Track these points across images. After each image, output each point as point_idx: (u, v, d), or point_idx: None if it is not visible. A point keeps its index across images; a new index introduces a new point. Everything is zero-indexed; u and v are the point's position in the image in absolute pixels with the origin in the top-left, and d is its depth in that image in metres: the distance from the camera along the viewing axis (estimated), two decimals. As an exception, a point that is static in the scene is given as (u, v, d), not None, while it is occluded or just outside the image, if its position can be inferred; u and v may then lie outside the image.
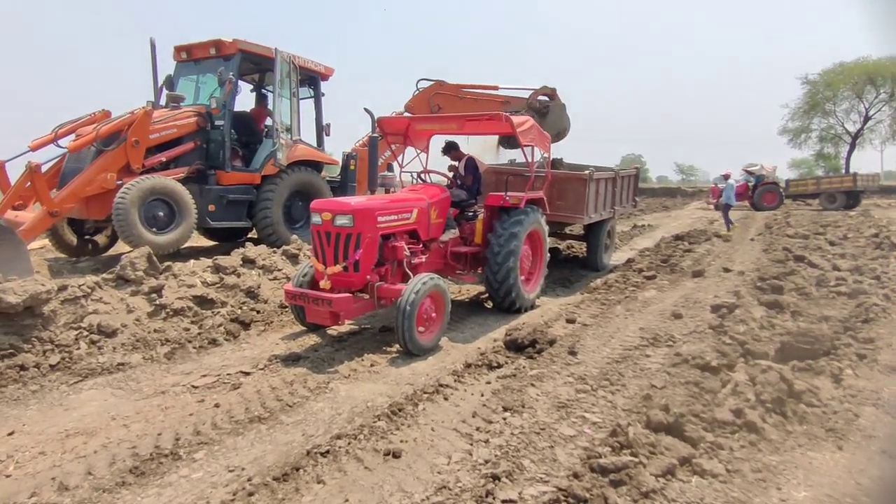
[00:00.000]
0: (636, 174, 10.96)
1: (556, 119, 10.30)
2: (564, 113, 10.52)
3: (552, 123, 10.07)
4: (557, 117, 10.32)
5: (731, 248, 11.04)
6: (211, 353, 4.94)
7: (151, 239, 7.12)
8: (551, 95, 10.41)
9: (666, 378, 4.08)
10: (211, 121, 8.68)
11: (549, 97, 10.42)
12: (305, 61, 9.71)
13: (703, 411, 3.38)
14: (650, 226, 17.14)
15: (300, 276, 5.44)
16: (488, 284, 6.42)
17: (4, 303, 4.27)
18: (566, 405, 3.73)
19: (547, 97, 10.41)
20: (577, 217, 8.38)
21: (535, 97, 10.26)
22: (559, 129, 10.41)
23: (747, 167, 26.13)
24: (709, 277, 7.92)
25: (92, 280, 5.23)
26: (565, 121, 10.56)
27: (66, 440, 3.29)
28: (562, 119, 10.47)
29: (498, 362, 4.61)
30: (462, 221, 6.80)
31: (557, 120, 10.32)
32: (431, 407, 3.75)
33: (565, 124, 10.59)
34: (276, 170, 9.09)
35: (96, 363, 4.46)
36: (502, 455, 3.04)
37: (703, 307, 6.16)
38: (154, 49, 8.93)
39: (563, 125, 10.53)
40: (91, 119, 8.17)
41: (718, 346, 4.55)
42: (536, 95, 10.29)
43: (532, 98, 10.22)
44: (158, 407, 3.78)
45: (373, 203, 5.33)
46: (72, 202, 7.21)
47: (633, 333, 5.37)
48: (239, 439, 3.31)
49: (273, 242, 8.46)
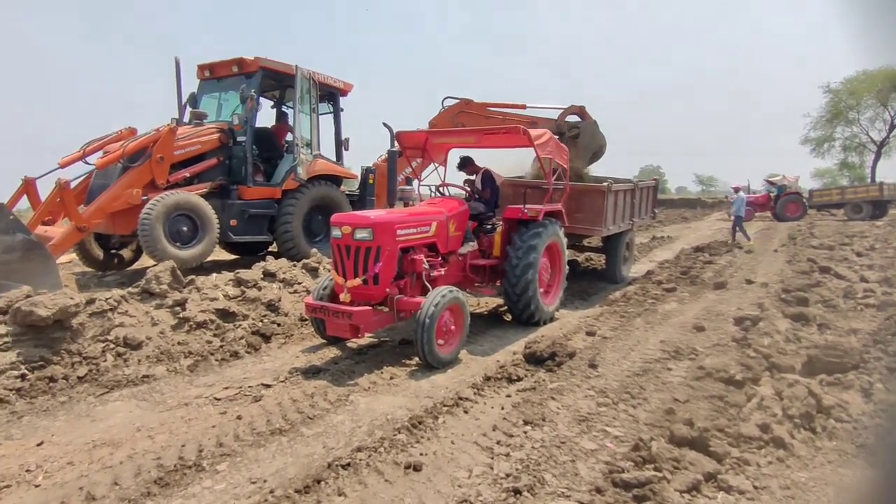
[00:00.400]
0: (655, 185, 10.89)
1: (590, 139, 9.85)
2: (597, 130, 10.00)
3: (586, 145, 9.74)
4: (590, 137, 9.86)
5: (753, 260, 10.88)
6: (233, 366, 5.00)
7: (175, 253, 7.25)
8: (580, 114, 10.00)
9: (689, 392, 4.01)
10: (233, 137, 8.85)
11: (579, 116, 10.01)
12: (325, 77, 9.87)
13: (728, 426, 3.33)
14: (669, 237, 16.97)
15: (320, 288, 5.49)
16: (507, 297, 6.40)
17: (35, 316, 4.38)
18: (587, 419, 3.69)
19: (576, 116, 10.01)
20: (596, 229, 8.35)
21: (563, 118, 9.87)
22: (594, 149, 9.99)
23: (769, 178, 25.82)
24: (731, 289, 7.80)
25: (118, 294, 5.34)
26: (599, 138, 10.04)
27: (93, 451, 3.35)
28: (595, 137, 9.96)
29: (517, 375, 4.58)
30: (480, 234, 6.82)
31: (591, 140, 9.87)
32: (451, 420, 3.74)
33: (600, 142, 10.08)
34: (296, 184, 9.22)
35: (122, 375, 4.54)
36: (523, 469, 3.02)
37: (725, 320, 6.06)
38: (178, 68, 9.16)
39: (597, 144, 10.04)
40: (118, 136, 8.38)
41: (742, 360, 4.47)
42: (564, 116, 9.90)
43: (560, 119, 9.82)
44: (182, 419, 3.83)
45: (392, 216, 5.37)
46: (99, 217, 7.39)
47: (654, 346, 5.31)
48: (261, 451, 3.34)
49: (293, 256, 8.55)
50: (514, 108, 10.12)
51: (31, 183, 7.54)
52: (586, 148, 9.78)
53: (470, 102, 10.33)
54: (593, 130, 9.94)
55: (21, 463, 3.16)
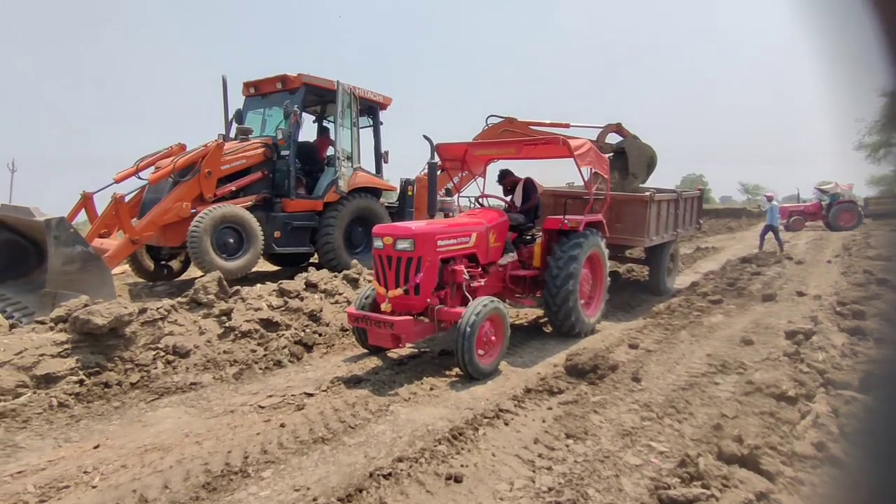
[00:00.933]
0: (700, 195, 10.62)
1: (639, 152, 9.79)
2: (641, 143, 9.94)
3: (638, 159, 9.67)
4: (637, 150, 9.80)
5: (804, 271, 10.47)
6: (276, 375, 5.10)
7: (222, 264, 7.48)
8: (619, 132, 9.89)
9: (737, 407, 3.88)
10: (277, 151, 9.09)
11: (618, 133, 9.90)
12: (365, 92, 10.06)
13: (780, 444, 3.20)
14: (714, 248, 16.48)
15: (362, 298, 5.55)
16: (547, 308, 6.34)
17: (92, 324, 4.59)
18: (631, 433, 3.61)
19: (615, 134, 9.91)
20: (638, 240, 8.20)
21: (604, 138, 9.77)
22: (646, 161, 9.92)
23: (820, 185, 24.83)
24: (781, 302, 7.53)
25: (168, 303, 5.53)
26: (647, 149, 9.98)
27: (145, 455, 3.46)
28: (642, 150, 9.91)
29: (559, 388, 4.52)
30: (520, 245, 6.78)
31: (640, 153, 9.82)
32: (492, 432, 3.72)
33: (649, 153, 10.02)
34: (337, 197, 9.40)
35: (171, 382, 4.69)
36: (566, 483, 2.97)
37: (775, 333, 5.85)
38: (225, 85, 9.51)
39: (647, 155, 9.98)
40: (168, 152, 8.73)
41: (795, 375, 4.30)
42: (604, 136, 9.79)
43: (601, 140, 9.70)
44: (228, 425, 3.92)
45: (432, 227, 5.41)
46: (151, 230, 7.69)
47: (700, 360, 5.16)
48: (304, 459, 3.39)
49: (334, 267, 8.69)
50: (557, 126, 10.03)
51: (89, 197, 7.93)
52: (638, 162, 9.67)
53: (514, 121, 10.30)
54: (637, 144, 9.84)
55: (79, 465, 3.30)
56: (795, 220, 24.05)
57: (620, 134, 9.91)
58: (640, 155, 9.75)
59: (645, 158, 9.90)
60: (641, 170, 9.82)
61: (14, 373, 4.20)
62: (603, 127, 9.84)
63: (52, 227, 6.04)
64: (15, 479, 3.13)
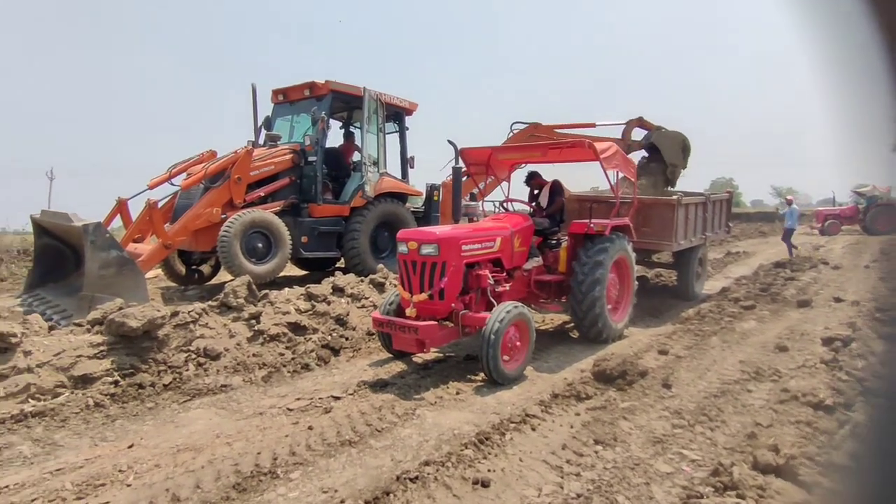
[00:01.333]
0: (729, 198, 10.42)
1: (670, 142, 9.57)
2: (668, 131, 9.74)
3: (671, 149, 9.49)
4: (669, 140, 9.60)
5: (841, 276, 10.16)
6: (304, 378, 5.16)
7: (251, 268, 7.61)
8: (643, 126, 9.73)
9: (772, 416, 3.79)
10: (304, 157, 9.23)
11: (642, 128, 9.74)
12: (391, 98, 10.15)
13: (818, 454, 3.11)
14: (746, 253, 16.14)
15: (387, 303, 5.59)
16: (573, 314, 6.28)
17: (127, 327, 4.72)
18: (661, 440, 3.55)
19: (639, 129, 9.76)
20: (665, 244, 8.08)
21: (629, 135, 9.65)
22: (680, 147, 9.65)
23: (857, 188, 24.08)
24: (817, 307, 7.32)
25: (199, 307, 5.65)
26: (676, 135, 9.69)
27: (178, 454, 3.54)
28: (672, 137, 9.65)
29: (586, 393, 4.47)
30: (545, 249, 6.74)
31: (671, 142, 9.59)
32: (519, 437, 3.70)
33: (680, 137, 9.72)
34: (363, 202, 9.49)
35: (202, 384, 4.78)
36: (595, 490, 2.93)
37: (811, 340, 5.69)
38: (255, 93, 9.70)
39: (679, 140, 9.68)
40: (200, 159, 8.93)
41: (833, 383, 4.18)
42: (629, 133, 9.67)
43: (626, 137, 9.59)
44: (257, 427, 3.98)
45: (457, 232, 5.42)
46: (183, 235, 7.87)
47: (732, 367, 5.05)
48: (331, 461, 3.42)
49: (360, 271, 8.77)
50: (582, 127, 9.94)
51: (124, 203, 8.16)
52: (672, 152, 9.51)
53: (539, 126, 10.26)
54: (665, 134, 9.69)
55: (114, 463, 3.38)
56: (831, 223, 23.40)
57: (644, 128, 9.78)
58: (672, 144, 9.58)
59: (678, 145, 9.68)
60: (678, 157, 9.64)
61: (53, 373, 4.35)
62: (625, 124, 9.72)
63: (89, 231, 6.22)
64: (54, 476, 3.23)
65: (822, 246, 17.10)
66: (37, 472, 3.28)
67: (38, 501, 2.96)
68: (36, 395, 4.18)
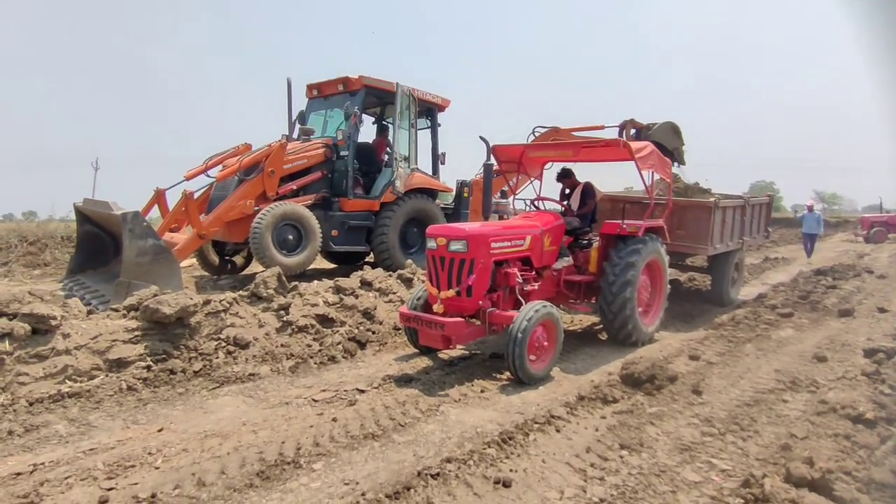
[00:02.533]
0: (769, 202, 10.10)
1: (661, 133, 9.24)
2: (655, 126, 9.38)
3: (664, 138, 9.18)
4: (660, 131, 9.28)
5: (887, 286, 9.76)
6: (330, 370, 5.20)
7: (282, 260, 7.71)
8: (636, 127, 9.45)
9: (808, 428, 3.66)
10: (337, 152, 9.29)
11: (636, 129, 9.45)
12: (424, 94, 10.15)
13: (856, 469, 2.98)
14: (785, 259, 15.62)
15: (414, 299, 5.59)
16: (603, 315, 6.17)
17: (160, 313, 4.83)
18: (690, 448, 3.46)
19: (635, 130, 9.45)
20: (701, 247, 7.88)
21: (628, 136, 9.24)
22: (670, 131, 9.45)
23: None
24: (859, 317, 7.04)
25: (230, 296, 5.75)
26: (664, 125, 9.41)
27: (205, 440, 3.60)
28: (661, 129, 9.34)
29: (613, 396, 4.39)
30: (576, 249, 6.65)
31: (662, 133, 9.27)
32: (542, 438, 3.65)
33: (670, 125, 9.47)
34: (393, 197, 9.52)
35: (231, 372, 4.87)
36: (618, 495, 2.88)
37: (853, 351, 5.47)
38: (290, 88, 9.82)
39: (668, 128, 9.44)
40: (235, 151, 9.08)
41: (875, 397, 4.01)
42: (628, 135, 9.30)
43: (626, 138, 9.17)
44: (283, 417, 4.03)
45: (486, 229, 5.38)
46: (217, 226, 8.03)
47: (767, 375, 4.89)
48: (354, 454, 3.43)
49: (388, 266, 8.80)
50: (593, 129, 9.83)
51: (162, 194, 8.36)
52: (667, 138, 9.27)
53: (559, 129, 10.20)
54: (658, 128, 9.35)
55: (144, 446, 3.47)
56: (877, 231, 22.52)
57: (635, 128, 9.56)
58: (663, 134, 9.30)
59: (671, 131, 9.45)
60: (678, 140, 9.47)
61: (90, 356, 4.48)
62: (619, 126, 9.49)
63: (128, 220, 6.39)
64: (87, 456, 3.33)
65: (868, 254, 16.47)
66: (71, 451, 3.39)
67: (71, 479, 3.05)
68: (73, 377, 4.32)
